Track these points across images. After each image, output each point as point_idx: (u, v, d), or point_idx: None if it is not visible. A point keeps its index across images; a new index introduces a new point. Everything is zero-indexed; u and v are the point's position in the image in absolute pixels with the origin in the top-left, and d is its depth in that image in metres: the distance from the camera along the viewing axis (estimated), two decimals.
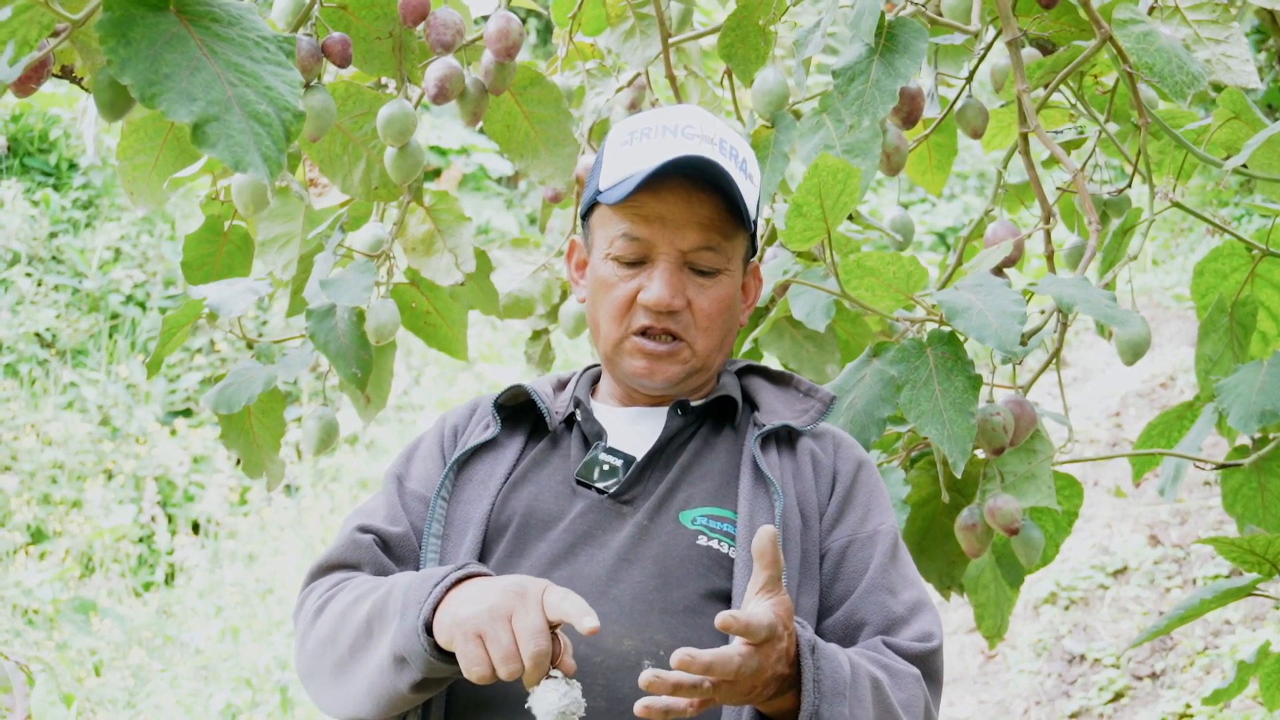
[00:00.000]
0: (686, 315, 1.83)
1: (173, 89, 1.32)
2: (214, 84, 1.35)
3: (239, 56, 1.39)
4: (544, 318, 3.28)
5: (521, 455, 1.88)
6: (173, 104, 1.31)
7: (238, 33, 1.41)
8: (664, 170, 1.79)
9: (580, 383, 1.98)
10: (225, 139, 1.32)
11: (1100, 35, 2.51)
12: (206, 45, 1.38)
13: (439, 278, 2.86)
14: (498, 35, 2.59)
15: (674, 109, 1.90)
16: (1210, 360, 2.82)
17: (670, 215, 1.81)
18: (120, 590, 6.85)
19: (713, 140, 1.84)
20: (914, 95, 2.58)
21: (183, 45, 1.36)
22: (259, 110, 1.35)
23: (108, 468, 7.68)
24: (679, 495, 1.81)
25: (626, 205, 1.82)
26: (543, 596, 1.56)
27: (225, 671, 6.00)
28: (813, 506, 1.83)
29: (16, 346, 8.16)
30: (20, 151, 9.09)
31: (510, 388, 1.94)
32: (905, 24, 2.32)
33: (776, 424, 1.86)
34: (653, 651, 1.68)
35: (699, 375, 1.89)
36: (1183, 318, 8.11)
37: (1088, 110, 2.91)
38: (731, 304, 1.87)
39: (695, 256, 1.83)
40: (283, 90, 1.39)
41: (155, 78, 1.32)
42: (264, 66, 1.40)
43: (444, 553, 1.79)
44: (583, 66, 3.24)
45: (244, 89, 1.36)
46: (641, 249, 1.83)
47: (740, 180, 1.83)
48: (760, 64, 2.78)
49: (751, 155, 1.91)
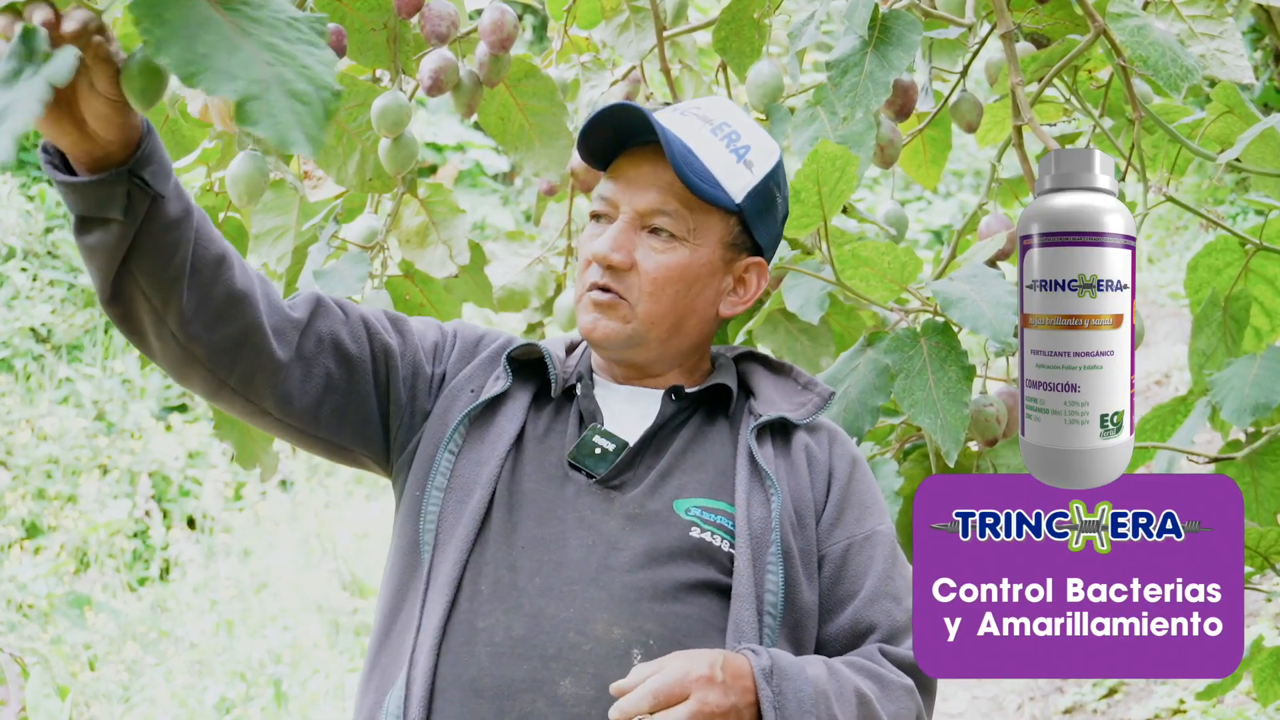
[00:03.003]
0: (632, 276, 1.84)
1: (212, 67, 1.31)
2: (252, 63, 1.34)
3: (272, 37, 1.39)
4: (538, 311, 3.27)
5: (526, 420, 1.88)
6: (214, 82, 1.30)
7: (268, 14, 1.41)
8: (600, 120, 1.83)
9: (588, 352, 1.98)
10: (268, 117, 1.31)
11: (1095, 29, 2.50)
12: (239, 27, 1.38)
13: (433, 270, 2.85)
14: (492, 27, 2.60)
15: (715, 100, 1.94)
16: (1204, 355, 2.82)
17: (636, 176, 1.84)
18: (115, 585, 6.84)
19: (710, 121, 1.87)
20: (907, 88, 2.59)
21: (217, 27, 1.36)
22: (298, 89, 1.35)
23: (103, 463, 7.66)
24: (672, 483, 1.80)
25: (610, 171, 1.87)
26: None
27: (219, 665, 5.99)
28: (808, 504, 1.82)
29: (12, 341, 8.15)
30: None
31: (525, 343, 1.93)
32: (899, 17, 2.32)
33: (773, 416, 1.86)
34: (643, 641, 1.67)
35: (648, 347, 1.88)
36: (1178, 315, 8.11)
37: (1082, 104, 2.91)
38: (686, 276, 1.86)
39: (650, 217, 1.84)
40: (319, 69, 1.39)
41: (193, 57, 1.32)
42: (298, 46, 1.40)
43: (445, 508, 1.79)
44: (577, 60, 3.24)
45: (281, 68, 1.36)
46: (609, 208, 1.86)
47: (720, 158, 1.85)
48: (755, 57, 2.78)
49: (763, 147, 1.90)
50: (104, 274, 1.60)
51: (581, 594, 1.70)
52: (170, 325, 1.66)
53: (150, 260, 1.58)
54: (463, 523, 1.77)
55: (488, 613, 1.71)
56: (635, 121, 1.83)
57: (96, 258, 1.58)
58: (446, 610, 1.72)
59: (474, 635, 1.69)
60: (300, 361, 1.79)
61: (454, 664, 1.69)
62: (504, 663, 1.67)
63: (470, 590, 1.73)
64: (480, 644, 1.69)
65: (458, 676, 1.68)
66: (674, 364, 1.92)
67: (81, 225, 1.56)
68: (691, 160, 1.82)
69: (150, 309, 1.64)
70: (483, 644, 1.68)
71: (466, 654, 1.69)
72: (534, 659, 1.67)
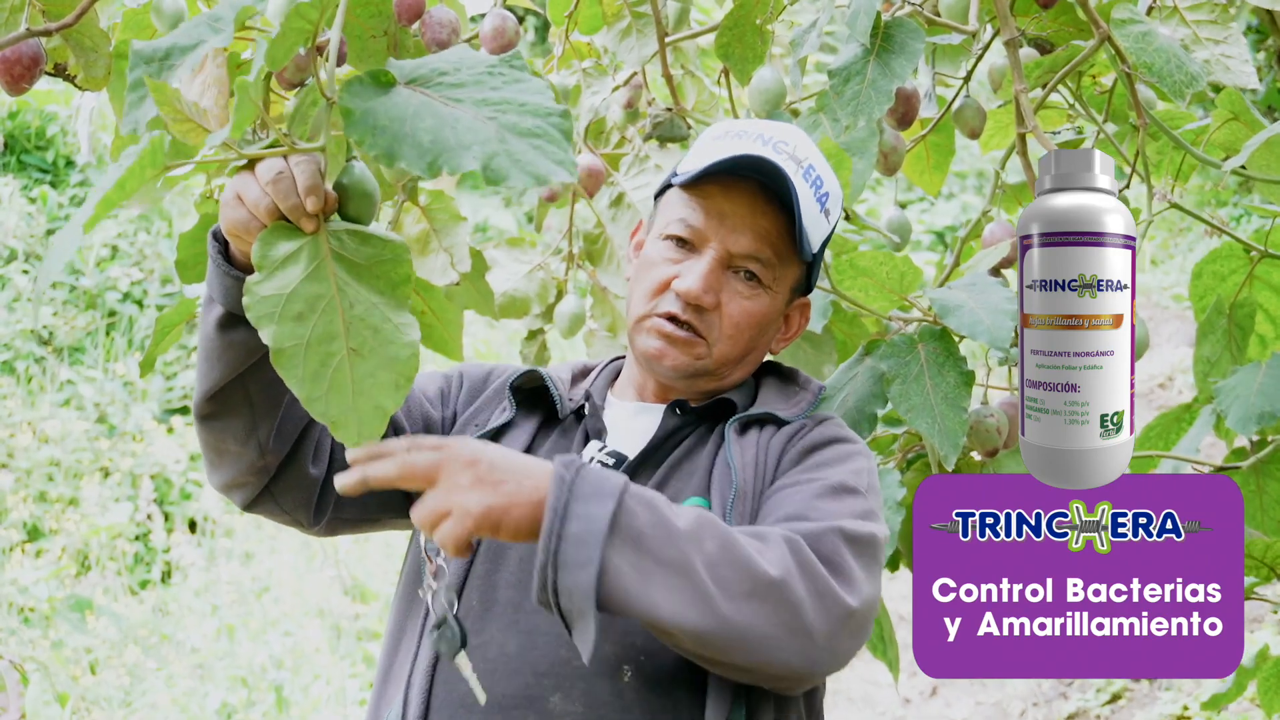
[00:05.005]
0: (714, 316, 1.82)
1: (445, 149, 1.33)
2: (477, 126, 1.35)
3: (480, 93, 1.40)
4: (540, 317, 3.26)
5: (531, 442, 1.87)
6: (454, 160, 1.32)
7: (466, 75, 1.43)
8: (737, 165, 1.79)
9: (601, 376, 1.98)
10: (515, 165, 1.32)
11: (1099, 35, 2.49)
12: (448, 99, 1.39)
13: (434, 278, 2.84)
14: (493, 34, 2.58)
15: (780, 125, 1.90)
16: (1208, 362, 2.81)
17: (732, 214, 1.81)
18: (116, 588, 6.83)
19: (801, 163, 1.83)
20: (910, 96, 2.57)
21: (429, 110, 1.37)
22: (527, 127, 1.36)
23: (104, 465, 7.66)
24: (666, 494, 1.77)
25: (697, 192, 1.83)
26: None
27: (221, 670, 5.98)
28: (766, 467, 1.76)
29: (13, 344, 8.14)
30: (17, 149, 9.07)
31: (527, 371, 1.93)
32: (902, 24, 2.30)
33: (756, 412, 1.84)
34: (633, 657, 1.65)
35: (710, 379, 1.87)
36: (1181, 318, 8.10)
37: (1085, 110, 2.89)
38: (763, 322, 1.86)
39: (742, 262, 1.82)
40: (536, 99, 1.40)
41: (424, 149, 1.33)
42: (507, 90, 1.41)
43: None
44: (579, 65, 3.22)
45: (503, 117, 1.37)
46: (695, 236, 1.83)
47: (810, 208, 1.82)
48: (757, 63, 2.77)
49: (836, 193, 1.89)
50: (225, 372, 1.64)
51: None
52: (260, 435, 1.71)
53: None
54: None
55: (481, 630, 1.70)
56: (760, 166, 1.79)
57: (230, 354, 1.62)
58: None
59: (469, 653, 1.69)
60: (327, 472, 1.82)
61: (448, 681, 1.68)
62: (497, 679, 1.66)
63: (465, 609, 1.72)
64: (475, 661, 1.68)
65: (450, 693, 1.68)
66: (715, 393, 1.91)
67: (228, 320, 1.60)
68: (799, 216, 1.80)
69: (249, 416, 1.69)
70: (477, 661, 1.67)
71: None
72: (526, 675, 1.66)
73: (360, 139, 1.35)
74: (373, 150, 1.35)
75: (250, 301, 1.39)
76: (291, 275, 1.42)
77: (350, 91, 1.38)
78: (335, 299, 1.42)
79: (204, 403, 1.69)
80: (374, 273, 1.44)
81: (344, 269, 1.43)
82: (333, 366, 1.41)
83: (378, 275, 1.44)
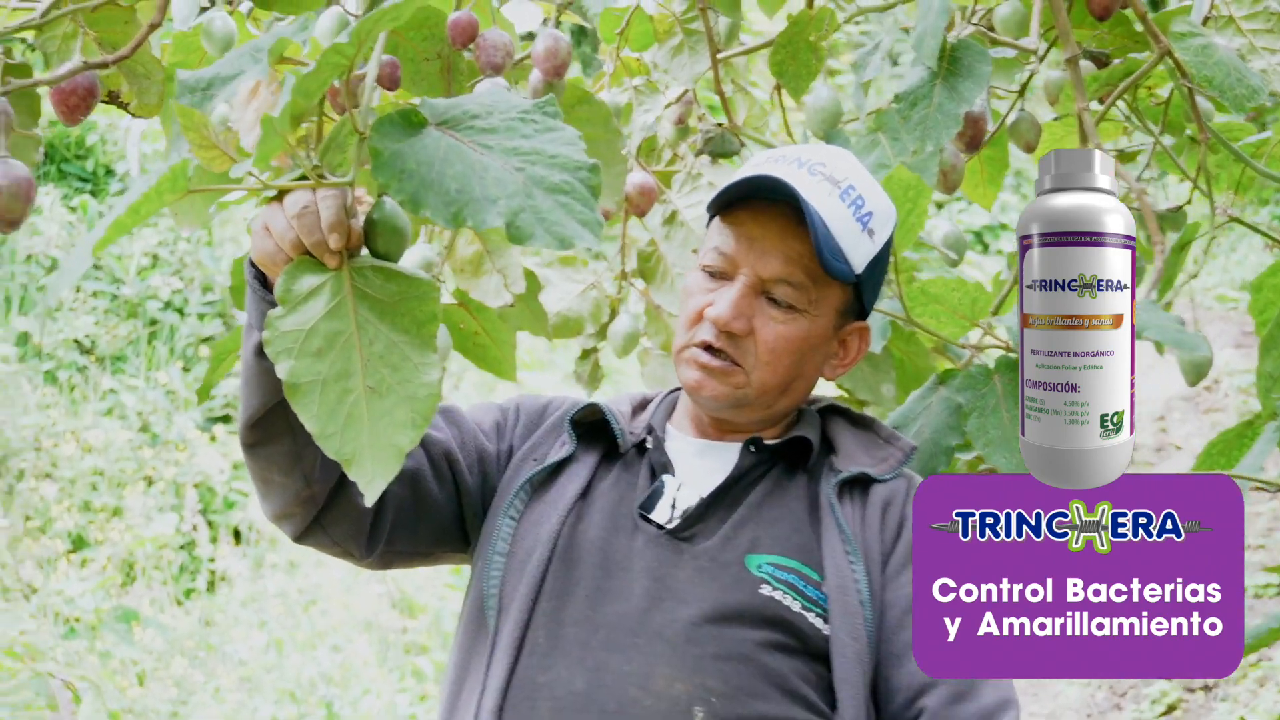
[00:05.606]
0: (749, 342, 1.79)
1: (470, 200, 1.32)
2: (504, 178, 1.34)
3: (511, 140, 1.39)
4: (593, 337, 3.25)
5: (593, 477, 1.86)
6: (478, 214, 1.31)
7: (499, 119, 1.41)
8: (753, 187, 1.78)
9: (660, 407, 1.95)
10: (540, 224, 1.32)
11: (1159, 49, 2.47)
12: (478, 144, 1.38)
13: (488, 299, 2.83)
14: (546, 54, 2.56)
15: (823, 148, 1.87)
16: (1271, 378, 2.77)
17: (761, 238, 1.79)
18: (162, 599, 6.86)
19: (838, 183, 1.79)
20: (977, 119, 2.53)
21: (459, 155, 1.36)
22: (555, 182, 1.35)
23: (148, 474, 7.69)
24: (744, 537, 1.76)
25: (730, 219, 1.81)
26: None
27: (269, 683, 5.99)
28: (876, 556, 1.77)
29: (56, 353, 8.18)
30: (57, 158, 9.12)
31: (586, 405, 1.92)
32: (968, 47, 2.27)
33: (854, 471, 1.81)
34: (705, 699, 1.64)
35: (754, 409, 1.84)
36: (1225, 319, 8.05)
37: (1142, 122, 2.87)
38: (803, 347, 1.82)
39: (773, 286, 1.79)
40: (568, 152, 1.39)
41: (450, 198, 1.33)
42: (539, 139, 1.40)
43: (508, 571, 1.77)
44: (630, 83, 3.20)
45: (532, 169, 1.36)
46: (726, 264, 1.80)
47: (848, 228, 1.78)
48: (811, 80, 2.75)
49: (883, 211, 1.84)
50: (266, 400, 1.63)
51: (644, 647, 1.67)
52: (305, 464, 1.70)
53: None
54: (524, 581, 1.75)
55: (549, 667, 1.69)
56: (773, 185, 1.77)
57: (268, 380, 1.59)
58: (509, 668, 1.70)
59: (535, 691, 1.67)
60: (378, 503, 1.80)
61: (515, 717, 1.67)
62: (565, 718, 1.64)
63: (531, 646, 1.71)
64: (542, 699, 1.67)
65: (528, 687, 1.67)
66: (769, 424, 1.88)
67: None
68: (827, 236, 1.76)
69: (292, 445, 1.68)
70: (544, 699, 1.66)
71: (528, 710, 1.67)
72: (594, 713, 1.64)
73: (387, 182, 1.34)
74: (399, 195, 1.34)
75: (270, 336, 1.39)
76: (313, 311, 1.42)
77: (381, 131, 1.37)
78: (354, 336, 1.42)
79: (247, 430, 1.69)
80: (398, 310, 1.43)
81: (366, 306, 1.43)
82: (348, 404, 1.40)
83: (402, 313, 1.43)
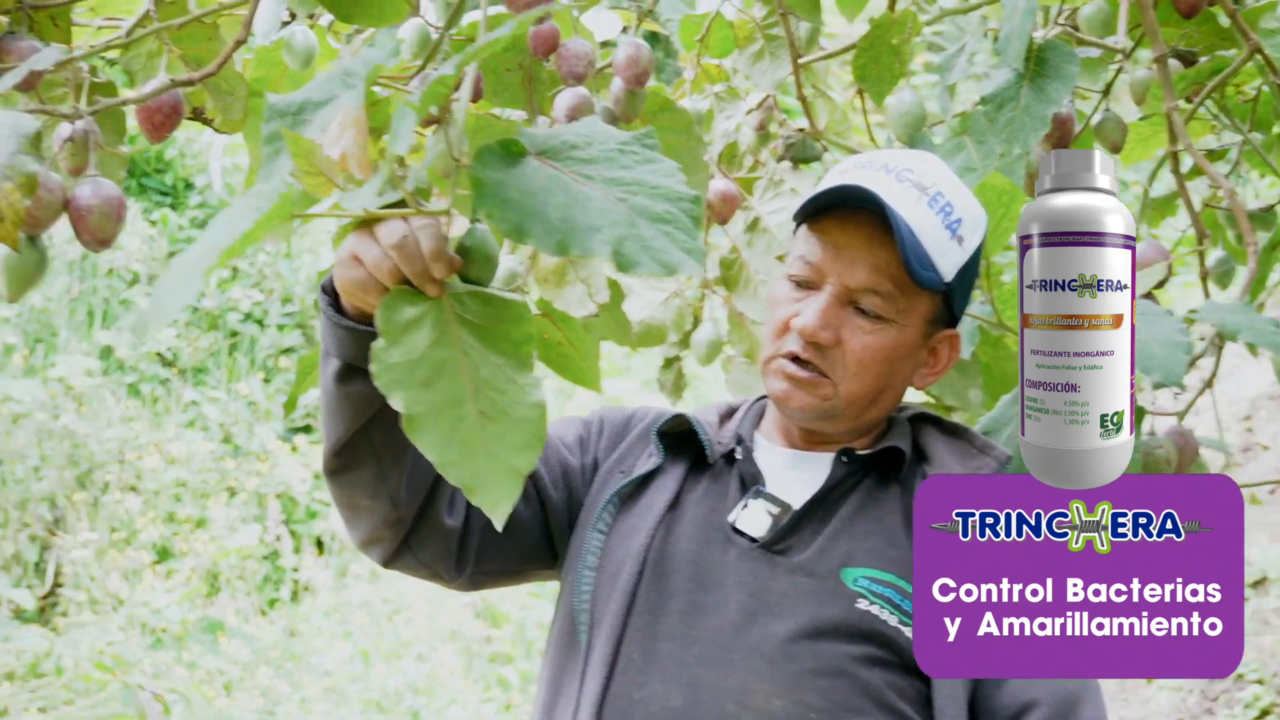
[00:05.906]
0: (836, 353, 1.76)
1: (574, 228, 1.32)
2: (608, 208, 1.34)
3: (611, 171, 1.39)
4: (675, 345, 3.24)
5: (681, 488, 1.83)
6: (583, 242, 1.31)
7: (598, 151, 1.41)
8: (840, 196, 1.74)
9: (747, 416, 1.93)
10: (645, 252, 1.31)
11: (1249, 46, 2.43)
12: (580, 174, 1.38)
13: (572, 309, 2.82)
14: (627, 63, 2.56)
15: (909, 153, 1.83)
16: None
17: (848, 247, 1.75)
18: (247, 609, 6.92)
19: (926, 190, 1.76)
20: (1065, 120, 2.50)
21: (560, 186, 1.36)
22: (658, 212, 1.35)
23: (230, 485, 7.77)
24: (839, 550, 1.73)
25: (816, 228, 1.78)
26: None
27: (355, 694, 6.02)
28: None
29: (138, 366, 8.29)
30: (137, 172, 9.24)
31: (674, 416, 1.89)
32: (1055, 47, 2.24)
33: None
34: (804, 714, 1.61)
35: (842, 420, 1.81)
36: None
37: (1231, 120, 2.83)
38: (891, 357, 1.78)
39: (860, 296, 1.75)
40: (668, 183, 1.38)
41: (553, 227, 1.32)
42: (639, 170, 1.40)
43: (598, 585, 1.75)
44: (710, 90, 3.19)
45: (634, 199, 1.36)
46: (812, 274, 1.77)
47: (936, 235, 1.75)
48: (893, 84, 2.72)
49: (973, 217, 1.81)
50: (349, 425, 1.62)
51: (741, 663, 1.65)
52: (389, 487, 1.69)
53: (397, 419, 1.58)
54: (615, 596, 1.73)
55: (644, 683, 1.67)
56: (859, 193, 1.74)
57: (350, 407, 1.60)
58: (603, 685, 1.68)
59: (631, 708, 1.65)
60: (465, 523, 1.80)
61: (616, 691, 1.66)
62: None
63: (626, 662, 1.69)
64: (638, 716, 1.64)
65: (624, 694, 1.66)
66: (859, 434, 1.86)
67: (346, 372, 1.58)
68: (915, 244, 1.73)
69: (377, 468, 1.67)
70: (640, 716, 1.64)
71: None
72: None
73: (490, 212, 1.33)
74: (502, 225, 1.33)
75: (379, 369, 1.38)
76: (418, 341, 1.41)
77: (481, 161, 1.36)
78: (461, 363, 1.41)
79: (331, 458, 1.68)
80: (496, 334, 1.43)
81: (469, 332, 1.42)
82: (463, 431, 1.40)
83: (499, 336, 1.43)
